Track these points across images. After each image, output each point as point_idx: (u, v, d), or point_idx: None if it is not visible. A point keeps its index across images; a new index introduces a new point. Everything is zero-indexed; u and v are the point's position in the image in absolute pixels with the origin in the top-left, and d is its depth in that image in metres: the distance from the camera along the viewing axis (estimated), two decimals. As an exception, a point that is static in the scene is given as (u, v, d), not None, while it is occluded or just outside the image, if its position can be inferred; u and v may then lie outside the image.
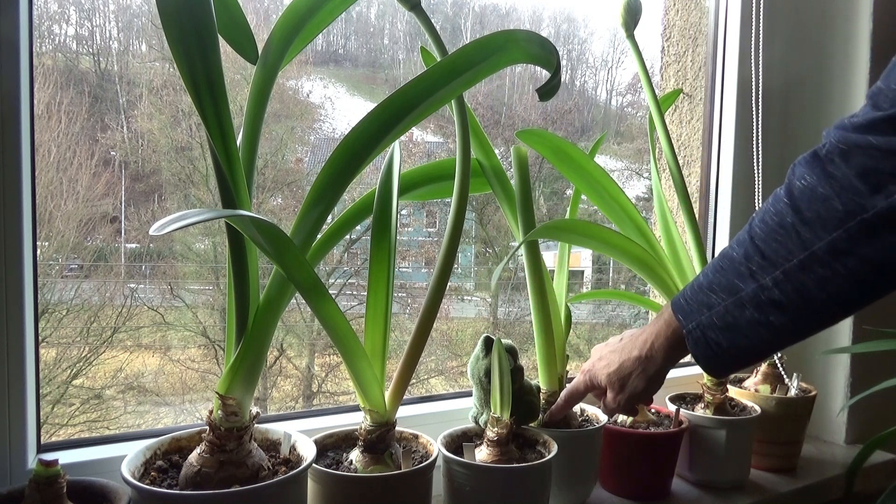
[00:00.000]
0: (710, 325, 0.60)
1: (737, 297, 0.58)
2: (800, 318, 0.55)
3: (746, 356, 0.60)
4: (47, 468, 0.56)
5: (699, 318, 0.61)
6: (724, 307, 0.59)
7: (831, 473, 1.07)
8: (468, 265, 3.89)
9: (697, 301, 0.62)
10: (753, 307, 0.57)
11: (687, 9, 1.33)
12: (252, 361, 0.61)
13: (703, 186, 1.29)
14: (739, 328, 0.58)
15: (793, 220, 0.55)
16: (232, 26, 0.67)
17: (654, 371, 0.71)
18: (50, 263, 2.66)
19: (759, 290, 0.56)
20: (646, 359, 0.71)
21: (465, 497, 0.72)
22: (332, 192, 0.65)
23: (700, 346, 0.62)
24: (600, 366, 0.77)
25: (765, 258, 0.56)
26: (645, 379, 0.72)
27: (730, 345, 0.59)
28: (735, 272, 0.59)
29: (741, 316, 0.58)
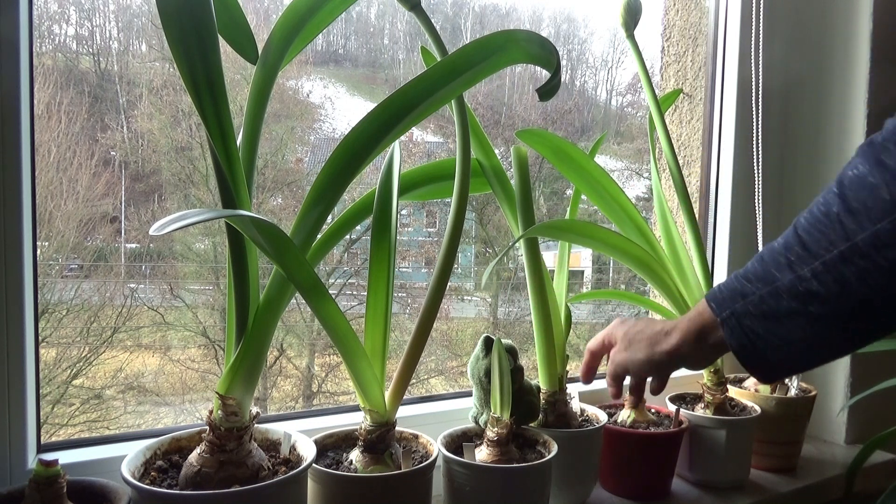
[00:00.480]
0: (746, 314, 0.58)
1: (773, 286, 0.55)
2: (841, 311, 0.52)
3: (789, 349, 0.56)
4: (47, 468, 0.56)
5: (733, 306, 0.59)
6: (760, 296, 0.56)
7: (831, 473, 1.07)
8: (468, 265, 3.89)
9: (731, 290, 0.59)
10: (790, 297, 0.54)
11: (687, 9, 1.33)
12: (252, 361, 0.61)
13: (703, 186, 1.29)
14: (777, 317, 0.55)
15: (838, 209, 0.52)
16: (232, 26, 0.67)
17: (663, 349, 0.68)
18: (50, 263, 2.66)
19: (796, 281, 0.54)
20: (664, 333, 0.68)
21: (465, 497, 0.72)
22: (332, 192, 0.65)
23: (736, 334, 0.58)
24: (626, 325, 0.75)
25: (805, 248, 0.54)
26: (649, 351, 0.69)
27: (767, 332, 0.56)
28: (773, 262, 0.56)
29: (778, 305, 0.55)
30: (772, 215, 1.28)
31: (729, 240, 1.24)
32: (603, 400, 1.01)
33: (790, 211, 1.28)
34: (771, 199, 1.27)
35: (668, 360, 0.68)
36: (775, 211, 1.29)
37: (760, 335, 0.57)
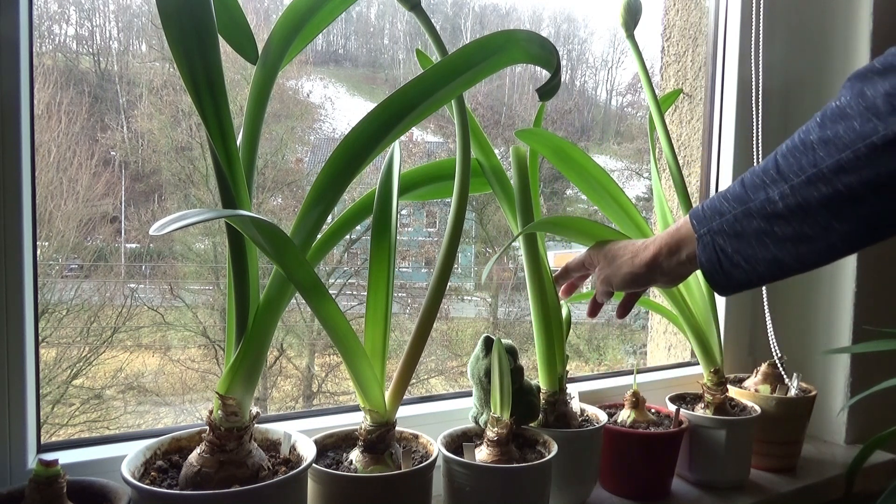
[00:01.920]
0: (720, 231, 0.60)
1: (745, 206, 0.58)
2: (803, 235, 0.55)
3: (751, 268, 0.59)
4: (47, 468, 0.56)
5: (710, 224, 0.61)
6: (734, 215, 0.59)
7: (831, 473, 1.07)
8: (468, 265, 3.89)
9: (712, 209, 0.62)
10: (760, 218, 0.57)
11: (687, 9, 1.33)
12: (252, 361, 0.61)
13: (703, 186, 1.29)
14: (746, 237, 0.58)
15: (814, 137, 0.54)
16: (232, 26, 0.67)
17: (642, 260, 0.71)
18: (50, 263, 2.66)
19: (766, 203, 0.56)
20: (643, 248, 0.72)
21: (465, 497, 0.72)
22: (333, 192, 0.65)
23: (707, 251, 0.62)
24: (605, 246, 0.79)
25: (779, 172, 0.56)
26: (630, 263, 0.73)
27: (734, 251, 0.59)
28: (751, 183, 0.59)
29: (748, 225, 0.58)
30: (772, 215, 1.28)
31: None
32: (603, 400, 1.01)
33: (790, 211, 1.28)
34: (771, 199, 1.27)
35: (646, 272, 0.71)
36: (775, 211, 1.29)
37: (728, 254, 0.60)
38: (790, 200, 0.55)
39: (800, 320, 1.27)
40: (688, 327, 0.97)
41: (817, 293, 1.24)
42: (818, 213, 0.53)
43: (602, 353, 3.86)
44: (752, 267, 0.59)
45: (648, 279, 0.72)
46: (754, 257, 0.58)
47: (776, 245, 0.57)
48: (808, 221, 0.54)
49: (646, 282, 0.73)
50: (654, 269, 0.70)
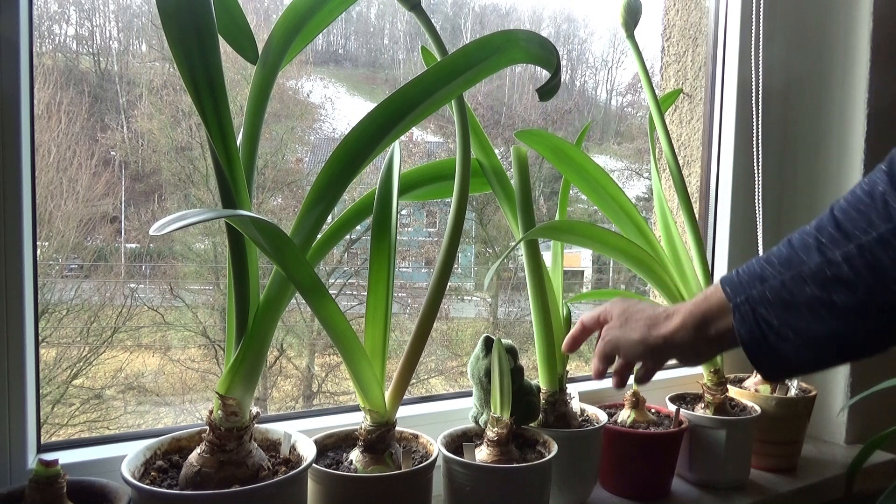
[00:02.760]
0: (762, 300, 0.51)
1: (797, 271, 0.49)
2: (870, 303, 0.46)
3: (803, 345, 0.49)
4: (47, 468, 0.56)
5: (750, 291, 0.52)
6: (781, 281, 0.50)
7: (831, 473, 1.07)
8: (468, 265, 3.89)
9: (750, 273, 0.53)
10: (815, 284, 0.48)
11: (687, 9, 1.33)
12: (252, 361, 0.61)
13: (703, 186, 1.29)
14: (796, 306, 0.49)
15: (885, 187, 0.46)
16: (232, 26, 0.67)
17: (660, 332, 0.61)
18: (50, 263, 2.66)
19: (824, 265, 0.48)
20: (664, 316, 0.61)
21: (465, 497, 0.72)
22: (333, 192, 0.65)
23: (747, 323, 0.52)
24: (626, 303, 0.69)
25: (839, 229, 0.48)
26: (645, 332, 0.62)
27: (783, 324, 0.49)
28: (801, 244, 0.50)
29: (799, 293, 0.48)
30: (772, 215, 1.28)
31: (729, 240, 1.24)
32: (603, 400, 1.01)
33: (790, 211, 1.28)
34: (771, 199, 1.27)
35: (663, 346, 0.61)
36: (775, 211, 1.29)
37: (774, 326, 0.50)
38: (857, 262, 0.46)
39: (800, 320, 1.26)
40: (688, 327, 0.97)
41: (817, 293, 1.24)
42: (894, 276, 0.44)
43: (602, 353, 3.85)
44: (806, 342, 0.49)
45: (665, 354, 0.62)
46: (808, 330, 0.48)
47: (836, 317, 0.47)
48: (879, 288, 0.45)
49: (660, 357, 0.63)
50: (673, 345, 0.60)
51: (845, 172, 1.19)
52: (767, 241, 1.21)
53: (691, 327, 0.58)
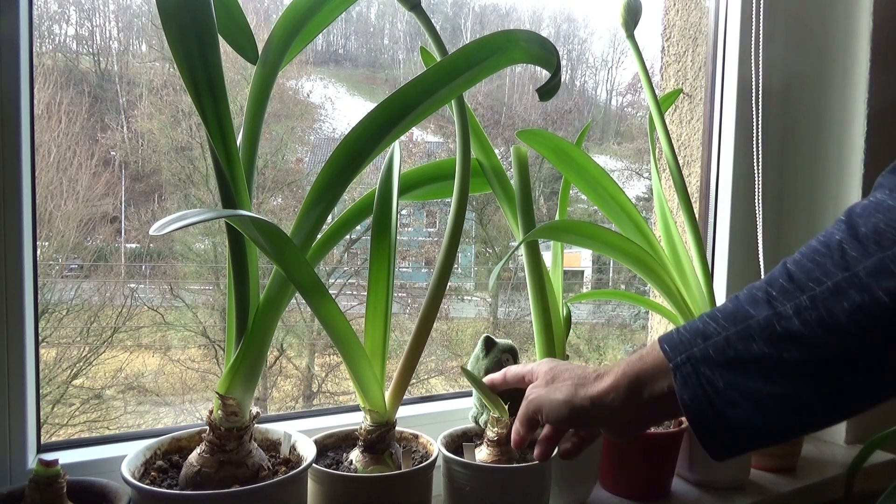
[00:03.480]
0: (705, 359, 0.46)
1: (744, 325, 0.44)
2: (821, 359, 0.41)
3: (753, 411, 0.44)
4: (47, 468, 0.56)
5: (691, 349, 0.47)
6: (726, 337, 0.45)
7: (831, 473, 1.07)
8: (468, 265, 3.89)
9: (692, 331, 0.47)
10: (763, 339, 0.43)
11: (687, 9, 1.33)
12: (252, 361, 0.61)
13: (703, 186, 1.29)
14: (743, 365, 0.44)
15: (842, 236, 0.43)
16: (232, 26, 0.67)
17: (587, 393, 0.54)
18: (50, 263, 2.66)
19: (773, 318, 0.43)
20: (595, 376, 0.55)
21: (465, 497, 0.72)
22: (333, 192, 0.65)
23: (690, 385, 0.46)
24: (555, 362, 0.64)
25: (791, 280, 0.44)
26: (572, 391, 0.56)
27: (728, 386, 0.44)
28: (749, 298, 0.46)
29: (746, 350, 0.44)
30: (772, 215, 1.28)
31: (729, 240, 1.24)
32: (603, 400, 1.01)
33: (790, 211, 1.28)
34: (771, 199, 1.27)
35: (591, 409, 0.54)
36: (775, 211, 1.29)
37: (720, 389, 0.45)
38: (809, 315, 0.41)
39: (800, 320, 1.27)
40: (688, 327, 0.97)
41: (817, 293, 1.24)
42: (849, 331, 0.40)
43: (602, 353, 3.86)
44: (756, 406, 0.44)
45: (593, 419, 0.55)
46: (757, 393, 0.43)
47: (786, 377, 0.42)
48: (833, 344, 0.41)
49: (588, 422, 0.56)
50: (602, 408, 0.53)
51: (845, 172, 1.19)
52: (767, 241, 1.21)
53: (623, 388, 0.52)
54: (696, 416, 0.46)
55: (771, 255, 1.27)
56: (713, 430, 0.46)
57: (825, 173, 1.23)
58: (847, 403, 0.43)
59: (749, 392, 0.44)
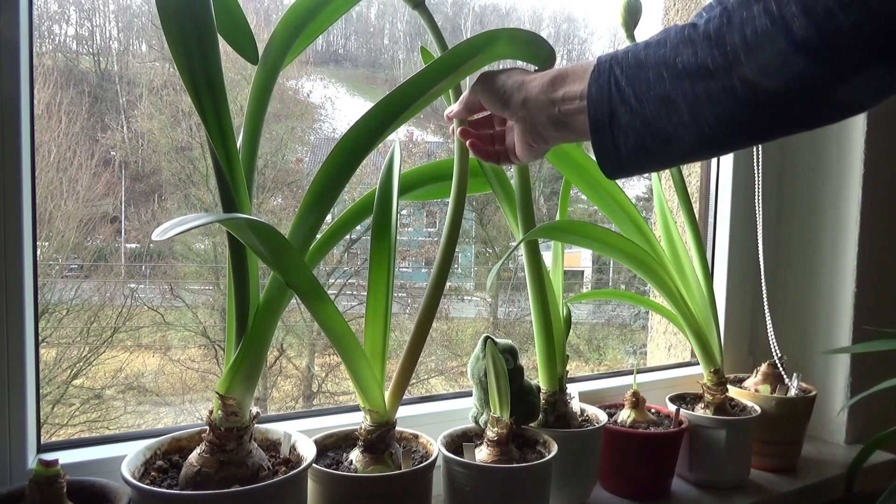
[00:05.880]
0: (622, 60, 0.49)
1: (664, 35, 0.48)
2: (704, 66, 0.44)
3: (639, 110, 0.48)
4: (47, 468, 0.56)
5: (616, 54, 0.50)
6: (646, 44, 0.48)
7: (831, 473, 1.07)
8: (468, 265, 3.88)
9: (627, 48, 0.51)
10: (670, 45, 0.46)
11: (687, 9, 1.33)
12: (252, 361, 0.61)
13: (703, 186, 1.29)
14: (646, 67, 0.47)
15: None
16: (232, 27, 0.67)
17: (522, 76, 0.59)
18: (50, 263, 2.66)
19: (686, 27, 0.46)
20: (528, 78, 0.59)
21: (465, 497, 0.72)
22: (331, 192, 0.65)
23: (600, 81, 0.50)
24: None
25: None
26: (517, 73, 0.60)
27: (629, 84, 0.48)
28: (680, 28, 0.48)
29: (653, 54, 0.47)
30: (772, 215, 1.28)
31: (729, 240, 1.24)
32: (603, 400, 1.01)
33: (790, 211, 1.28)
34: (771, 199, 1.27)
35: (518, 86, 0.58)
36: (775, 211, 1.29)
37: (621, 87, 0.49)
38: (712, 24, 0.44)
39: (800, 320, 1.27)
40: (688, 327, 0.97)
41: (817, 293, 1.24)
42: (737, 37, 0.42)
43: (602, 353, 3.86)
44: (641, 107, 0.48)
45: (513, 98, 0.59)
46: (646, 95, 0.47)
47: (673, 79, 0.46)
48: (719, 49, 0.43)
49: (509, 99, 0.59)
50: (523, 88, 0.58)
51: (845, 171, 1.19)
52: (767, 241, 1.21)
53: (548, 79, 0.56)
54: (593, 111, 0.50)
55: (771, 255, 1.27)
56: (603, 127, 0.50)
57: (825, 173, 1.23)
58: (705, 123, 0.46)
59: (640, 92, 0.47)
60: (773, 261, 1.29)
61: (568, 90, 0.54)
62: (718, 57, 0.43)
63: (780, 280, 1.29)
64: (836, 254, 1.21)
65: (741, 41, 0.42)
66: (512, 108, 0.59)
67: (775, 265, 1.29)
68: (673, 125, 0.47)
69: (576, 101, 0.53)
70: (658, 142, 0.48)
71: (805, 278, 1.26)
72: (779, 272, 1.29)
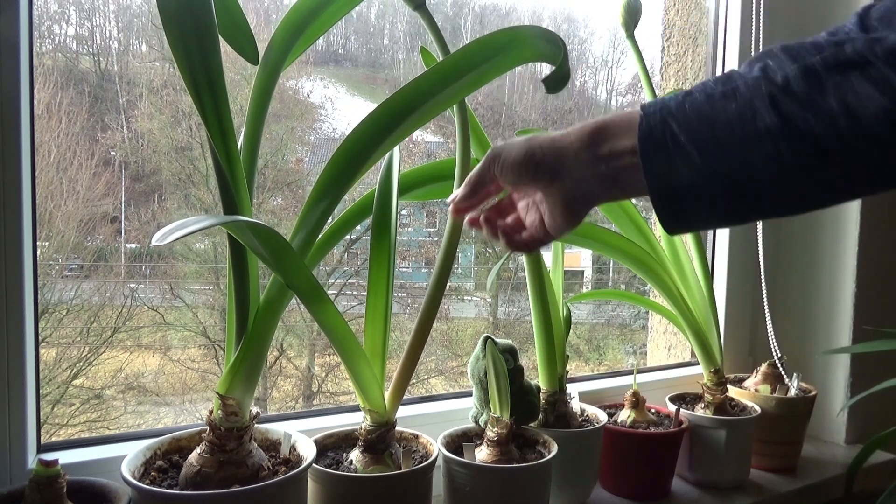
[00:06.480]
0: (678, 111, 0.43)
1: (730, 86, 0.42)
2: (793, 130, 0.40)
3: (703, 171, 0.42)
4: (47, 468, 0.56)
5: (668, 103, 0.44)
6: (708, 95, 0.43)
7: (831, 473, 1.07)
8: (468, 265, 3.88)
9: (678, 93, 0.45)
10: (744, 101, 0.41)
11: (687, 9, 1.33)
12: (252, 361, 0.61)
13: (703, 186, 1.29)
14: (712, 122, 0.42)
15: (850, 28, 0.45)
16: (232, 27, 0.67)
17: (546, 136, 0.52)
18: (50, 263, 2.66)
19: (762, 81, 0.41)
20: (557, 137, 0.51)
21: (465, 497, 0.72)
22: (333, 194, 0.65)
23: (654, 135, 0.44)
24: None
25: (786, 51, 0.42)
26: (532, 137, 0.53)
27: (691, 140, 0.42)
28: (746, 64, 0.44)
29: (723, 108, 0.42)
30: (772, 215, 1.28)
31: (729, 240, 1.24)
32: (603, 400, 1.01)
33: (790, 211, 1.28)
34: (771, 200, 1.27)
35: (547, 148, 0.51)
36: (775, 211, 1.29)
37: (680, 142, 0.43)
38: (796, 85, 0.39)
39: (800, 320, 1.27)
40: (688, 327, 0.97)
41: (817, 293, 1.24)
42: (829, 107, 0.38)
43: (602, 353, 3.86)
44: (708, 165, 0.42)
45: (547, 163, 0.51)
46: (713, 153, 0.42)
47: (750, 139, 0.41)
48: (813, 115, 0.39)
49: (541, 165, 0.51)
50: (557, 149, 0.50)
51: (845, 172, 1.19)
52: (767, 241, 1.21)
53: (586, 133, 0.49)
54: (649, 160, 0.44)
55: (771, 255, 1.27)
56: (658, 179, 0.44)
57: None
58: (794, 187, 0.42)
59: (707, 149, 0.42)
60: (773, 261, 1.29)
61: (614, 146, 0.47)
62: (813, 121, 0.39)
63: (780, 280, 1.29)
64: (836, 254, 1.21)
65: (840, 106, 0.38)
66: (546, 174, 0.51)
67: (775, 265, 1.29)
68: (748, 185, 0.42)
69: (626, 157, 0.47)
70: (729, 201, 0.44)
71: (805, 278, 1.26)
72: (779, 272, 1.29)
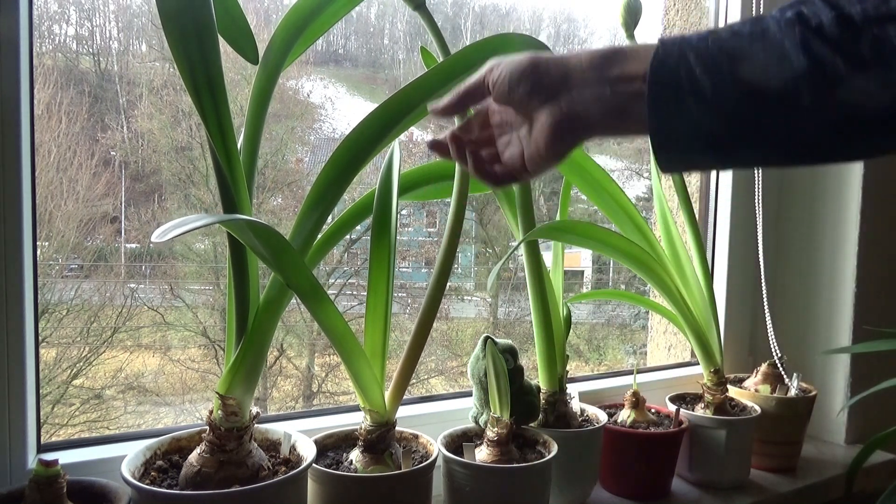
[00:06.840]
0: (699, 44, 0.41)
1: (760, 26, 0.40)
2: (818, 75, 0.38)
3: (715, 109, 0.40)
4: (47, 468, 0.56)
5: (689, 37, 0.41)
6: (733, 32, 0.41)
7: (831, 473, 1.07)
8: (468, 265, 3.89)
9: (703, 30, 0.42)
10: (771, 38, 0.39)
11: (687, 9, 1.33)
12: (252, 361, 0.61)
13: (703, 186, 1.29)
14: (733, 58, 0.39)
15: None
16: (232, 27, 0.67)
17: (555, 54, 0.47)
18: (50, 263, 2.66)
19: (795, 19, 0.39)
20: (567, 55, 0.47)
21: (465, 497, 0.72)
22: (333, 193, 0.65)
23: (667, 64, 0.41)
24: None
25: None
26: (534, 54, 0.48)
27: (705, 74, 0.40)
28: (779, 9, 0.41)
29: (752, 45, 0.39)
30: (772, 215, 1.28)
31: (729, 240, 1.24)
32: (603, 400, 1.01)
33: (790, 211, 1.28)
34: (771, 199, 1.27)
35: (551, 63, 0.46)
36: (775, 211, 1.29)
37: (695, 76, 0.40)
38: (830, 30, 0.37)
39: (800, 320, 1.27)
40: (688, 327, 0.97)
41: (817, 293, 1.24)
42: None
43: (602, 353, 3.86)
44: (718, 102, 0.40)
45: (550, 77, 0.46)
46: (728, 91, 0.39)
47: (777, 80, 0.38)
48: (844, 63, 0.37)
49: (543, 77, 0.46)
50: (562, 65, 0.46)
51: (845, 171, 1.19)
52: (767, 242, 1.21)
53: (597, 56, 0.45)
54: (656, 96, 0.41)
55: (771, 255, 1.27)
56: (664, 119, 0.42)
57: (825, 173, 1.23)
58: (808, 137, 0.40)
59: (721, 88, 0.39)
60: (773, 261, 1.29)
61: (624, 69, 0.43)
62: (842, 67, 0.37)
63: (780, 280, 1.29)
64: (836, 254, 1.21)
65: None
66: (546, 88, 0.46)
67: (775, 265, 1.29)
68: (757, 129, 0.40)
69: (634, 83, 0.43)
70: (732, 142, 0.41)
71: (805, 278, 1.26)
72: (779, 272, 1.29)
